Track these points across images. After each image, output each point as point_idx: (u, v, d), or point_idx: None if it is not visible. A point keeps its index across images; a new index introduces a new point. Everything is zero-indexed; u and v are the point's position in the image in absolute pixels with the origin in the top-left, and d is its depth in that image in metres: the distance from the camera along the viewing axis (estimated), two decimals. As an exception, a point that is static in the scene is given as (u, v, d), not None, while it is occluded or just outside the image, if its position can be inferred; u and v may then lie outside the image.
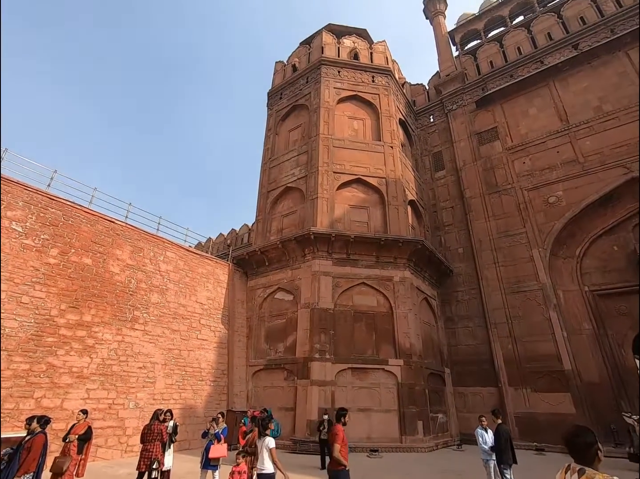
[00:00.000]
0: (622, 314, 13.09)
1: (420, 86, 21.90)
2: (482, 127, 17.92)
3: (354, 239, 13.28)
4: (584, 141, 14.75)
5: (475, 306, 15.10)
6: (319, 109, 16.63)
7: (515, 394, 13.02)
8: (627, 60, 14.94)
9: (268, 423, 4.96)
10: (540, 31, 18.02)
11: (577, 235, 14.23)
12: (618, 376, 12.46)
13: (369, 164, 15.64)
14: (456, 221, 17.10)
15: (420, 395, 11.93)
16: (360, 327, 12.70)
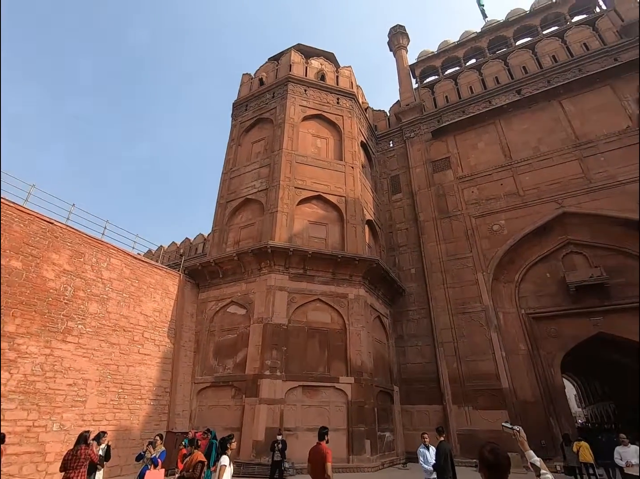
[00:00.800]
0: (553, 336, 14.28)
1: (382, 112, 22.97)
2: (436, 155, 19.10)
3: (312, 254, 13.32)
4: (524, 176, 16.23)
5: (425, 325, 15.65)
6: (283, 124, 16.78)
7: (458, 412, 13.52)
8: (560, 109, 16.83)
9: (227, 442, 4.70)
10: (489, 74, 19.84)
11: (517, 261, 15.43)
12: (548, 394, 13.44)
13: (329, 182, 15.94)
14: (410, 242, 17.83)
15: (369, 414, 11.98)
16: (313, 343, 12.60)
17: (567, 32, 18.63)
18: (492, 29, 22.12)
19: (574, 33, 18.34)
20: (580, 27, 18.37)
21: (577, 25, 18.75)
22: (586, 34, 17.95)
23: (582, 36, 18.00)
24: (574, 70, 17.24)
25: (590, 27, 18.08)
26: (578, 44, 17.91)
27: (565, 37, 18.50)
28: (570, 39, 18.24)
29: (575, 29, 18.44)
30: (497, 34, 21.69)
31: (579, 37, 18.05)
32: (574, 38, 18.18)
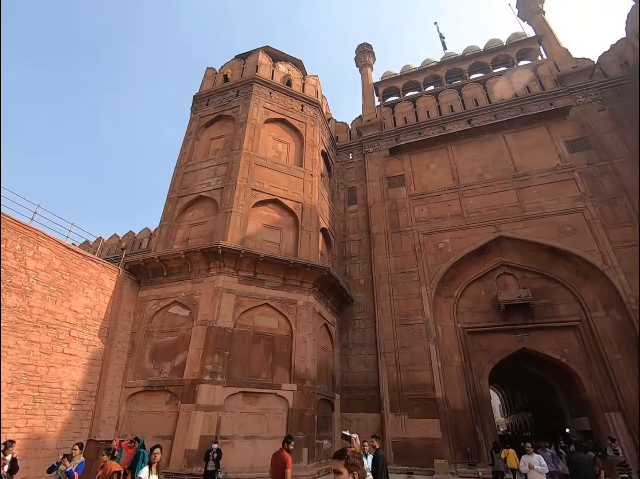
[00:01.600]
0: (483, 349, 15.41)
1: (344, 125, 23.54)
2: (392, 172, 19.92)
3: (264, 258, 13.14)
4: (469, 199, 17.48)
5: (370, 334, 16.07)
6: (245, 123, 16.52)
7: (394, 420, 13.98)
8: (504, 142, 18.45)
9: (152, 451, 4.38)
10: (444, 102, 21.23)
11: (457, 278, 16.47)
12: (476, 404, 14.41)
13: (288, 187, 15.92)
14: (361, 253, 18.30)
15: (309, 421, 11.96)
16: (258, 349, 12.36)
17: (514, 73, 20.58)
18: (450, 61, 23.77)
19: (518, 75, 20.29)
20: (525, 71, 20.39)
21: (522, 68, 20.79)
22: (529, 77, 19.96)
23: (525, 79, 19.97)
24: (517, 108, 19.05)
25: (533, 72, 20.15)
26: (521, 86, 19.84)
27: (512, 78, 20.40)
28: (516, 80, 20.15)
29: (521, 72, 20.43)
30: (454, 66, 23.33)
31: (523, 79, 20.01)
32: (518, 80, 20.11)
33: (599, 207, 15.06)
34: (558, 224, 15.31)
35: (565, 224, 15.21)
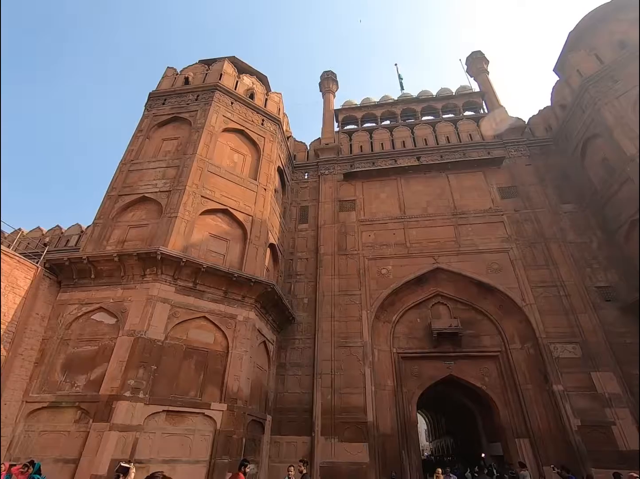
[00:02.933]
0: (414, 375, 16.05)
1: (302, 144, 23.99)
2: (344, 196, 20.56)
3: (206, 269, 12.61)
4: (412, 230, 18.54)
5: (308, 355, 15.95)
6: (202, 129, 16.11)
7: (325, 443, 13.82)
8: (447, 181, 20.04)
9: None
10: (398, 137, 22.67)
11: (396, 304, 17.17)
12: (404, 428, 14.83)
13: (240, 199, 15.65)
14: (307, 272, 18.37)
15: (236, 444, 11.37)
16: (189, 364, 11.63)
17: (459, 121, 22.71)
18: (406, 101, 25.60)
19: (464, 123, 22.43)
20: (469, 121, 22.60)
21: (467, 118, 23.03)
22: (472, 127, 22.14)
23: (469, 128, 22.12)
24: (460, 152, 20.93)
25: (475, 122, 22.39)
26: (465, 133, 21.92)
27: (458, 124, 22.48)
28: (461, 128, 22.23)
29: (466, 121, 22.60)
30: (409, 106, 25.14)
31: (467, 128, 22.15)
32: (463, 127, 22.21)
33: (521, 249, 16.83)
34: (487, 261, 16.78)
35: (494, 261, 16.72)
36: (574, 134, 18.37)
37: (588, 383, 13.38)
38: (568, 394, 13.32)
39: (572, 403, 13.15)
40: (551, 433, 13.43)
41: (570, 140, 18.75)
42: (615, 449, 12.17)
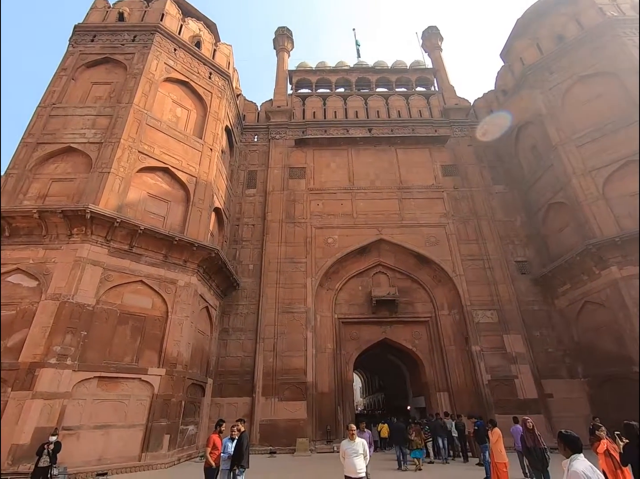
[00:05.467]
0: (353, 338, 17.05)
1: (253, 104, 22.76)
2: (295, 163, 20.19)
3: (144, 231, 11.83)
4: (359, 202, 18.96)
5: (251, 320, 16.07)
6: (140, 76, 14.47)
7: (265, 403, 14.35)
8: (395, 155, 20.54)
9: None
10: (351, 107, 22.47)
11: (340, 272, 17.76)
12: (341, 387, 15.90)
13: (182, 158, 14.62)
14: (254, 239, 18.10)
15: (175, 407, 11.34)
16: (124, 330, 11.10)
17: (411, 96, 23.03)
18: (362, 70, 25.21)
19: (415, 99, 22.81)
20: (420, 97, 23.02)
21: (419, 94, 23.41)
22: (422, 103, 22.63)
23: (419, 104, 22.59)
24: (410, 128, 21.43)
25: (426, 99, 22.90)
26: (416, 109, 22.38)
27: (409, 99, 22.81)
28: (412, 103, 22.62)
29: (417, 97, 22.98)
30: (364, 75, 24.81)
31: (417, 104, 22.59)
32: (414, 103, 22.61)
33: (457, 225, 18.13)
34: (426, 235, 17.87)
35: (431, 235, 17.86)
36: (512, 119, 19.66)
37: (500, 344, 15.31)
38: (483, 353, 15.16)
39: (486, 361, 15.02)
40: (466, 387, 15.31)
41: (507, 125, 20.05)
42: (516, 398, 14.30)
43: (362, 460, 5.40)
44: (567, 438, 2.97)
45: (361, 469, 5.30)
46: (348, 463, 5.38)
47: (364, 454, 5.46)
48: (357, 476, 5.24)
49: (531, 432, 7.43)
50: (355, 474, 5.25)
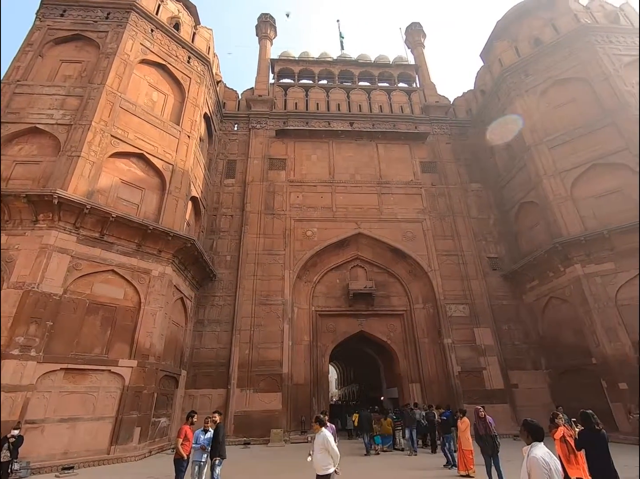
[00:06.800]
0: (329, 331, 17.21)
1: (233, 92, 22.23)
2: (275, 154, 19.95)
3: (116, 219, 11.40)
4: (339, 195, 18.99)
5: (228, 312, 15.90)
6: (114, 56, 13.81)
7: (240, 394, 14.31)
8: (376, 150, 20.66)
9: None
10: (334, 100, 22.35)
11: (318, 265, 17.81)
12: (316, 378, 16.06)
13: (159, 144, 14.14)
14: (232, 229, 17.82)
15: (147, 399, 11.12)
16: (93, 321, 10.73)
17: (393, 92, 23.15)
18: (345, 62, 25.07)
19: (396, 94, 22.95)
20: (402, 93, 23.17)
21: (400, 89, 23.56)
22: (404, 99, 22.80)
23: (401, 100, 22.75)
24: (391, 123, 21.57)
25: (407, 95, 23.08)
26: (397, 105, 22.53)
27: (391, 95, 22.93)
28: (394, 99, 22.75)
29: (399, 92, 23.13)
30: (347, 68, 24.68)
31: (399, 100, 22.74)
32: (395, 99, 22.75)
33: (433, 221, 18.52)
34: (404, 230, 18.16)
35: (409, 230, 18.17)
36: (489, 119, 20.14)
37: (470, 337, 15.86)
38: (454, 346, 15.67)
39: (457, 353, 15.54)
40: (438, 378, 15.82)
41: (485, 124, 20.55)
42: (484, 389, 14.91)
43: (327, 456, 4.79)
44: (531, 427, 3.11)
45: (325, 466, 4.73)
46: (314, 460, 4.92)
47: (327, 449, 4.82)
48: (322, 474, 4.73)
49: (483, 420, 7.75)
50: (320, 471, 4.74)
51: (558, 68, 17.24)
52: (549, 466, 2.81)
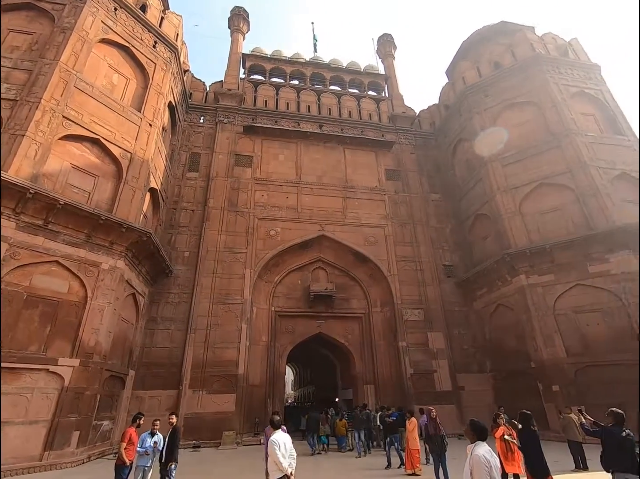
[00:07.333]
0: (288, 331, 17.15)
1: (201, 83, 21.53)
2: (242, 150, 19.56)
3: (64, 206, 10.58)
4: (305, 197, 19.01)
5: (183, 310, 15.30)
6: (71, 31, 12.84)
7: (192, 396, 13.81)
8: (343, 154, 20.93)
9: None
10: (304, 101, 22.38)
11: (280, 265, 17.68)
12: (272, 379, 15.90)
13: (117, 130, 13.33)
14: (192, 225, 17.20)
15: (88, 401, 10.39)
16: (31, 315, 9.86)
17: (362, 99, 23.62)
18: (317, 65, 25.19)
19: (366, 102, 23.44)
20: (371, 100, 23.71)
21: (370, 97, 24.09)
22: (372, 107, 23.34)
23: (369, 107, 23.26)
24: (359, 129, 21.99)
25: (376, 104, 23.66)
26: (366, 112, 23.02)
27: (361, 102, 23.38)
28: (363, 105, 23.21)
29: (368, 100, 23.63)
30: (319, 70, 24.83)
31: (368, 107, 23.25)
32: (364, 106, 23.23)
33: (395, 227, 19.09)
34: (366, 234, 18.54)
35: (371, 235, 18.58)
36: (451, 133, 21.20)
37: (424, 341, 16.52)
38: (409, 349, 16.24)
39: (411, 356, 16.11)
40: (392, 380, 16.29)
41: (447, 138, 21.59)
42: (434, 390, 15.57)
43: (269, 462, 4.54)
44: (476, 426, 3.30)
45: (272, 470, 4.43)
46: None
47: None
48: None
49: (434, 420, 8.10)
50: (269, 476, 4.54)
51: (514, 91, 18.52)
52: (490, 463, 2.99)
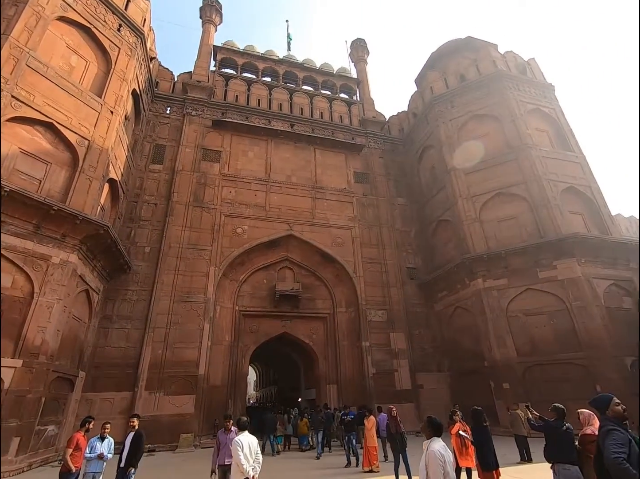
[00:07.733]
0: (252, 331, 16.91)
1: (168, 72, 20.71)
2: (210, 145, 19.04)
3: (9, 193, 9.76)
4: (273, 195, 18.84)
5: (141, 308, 14.63)
6: (24, 5, 11.87)
7: (148, 398, 13.22)
8: (313, 155, 20.97)
9: None
10: (276, 99, 22.19)
11: (246, 264, 17.39)
12: (234, 379, 15.60)
13: (74, 115, 12.50)
14: (154, 219, 16.49)
15: (31, 404, 9.64)
16: (-33, 312, 8.99)
17: (334, 101, 23.83)
18: (291, 63, 25.09)
19: (337, 104, 23.67)
20: (342, 103, 23.96)
21: (342, 100, 24.35)
22: (344, 110, 23.60)
23: (341, 110, 23.51)
24: (330, 131, 22.14)
25: (347, 107, 23.95)
26: (337, 114, 23.24)
27: (332, 103, 23.57)
28: (334, 108, 23.41)
29: (340, 102, 23.87)
30: (292, 69, 24.74)
31: (339, 109, 23.48)
32: (336, 108, 23.45)
33: (362, 229, 19.42)
34: (334, 235, 18.70)
35: (338, 236, 18.76)
36: (418, 140, 21.91)
37: (386, 341, 16.93)
38: (371, 349, 16.57)
39: (373, 356, 16.45)
40: (354, 379, 16.53)
41: (414, 144, 22.29)
42: (394, 389, 16.00)
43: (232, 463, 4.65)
44: (433, 423, 3.43)
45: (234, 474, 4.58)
46: None
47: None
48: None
49: (394, 419, 8.34)
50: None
51: (478, 104, 19.48)
52: (444, 458, 3.13)
